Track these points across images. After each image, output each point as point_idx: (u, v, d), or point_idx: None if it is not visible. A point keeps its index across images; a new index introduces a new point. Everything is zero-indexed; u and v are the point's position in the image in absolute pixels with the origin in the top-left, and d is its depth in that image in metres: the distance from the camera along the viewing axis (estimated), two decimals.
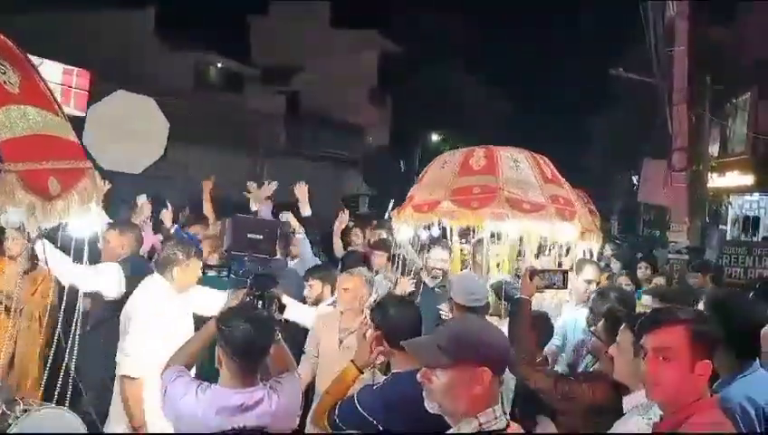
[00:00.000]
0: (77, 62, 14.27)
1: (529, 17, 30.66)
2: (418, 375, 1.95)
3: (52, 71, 13.35)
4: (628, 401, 2.46)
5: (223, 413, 2.52)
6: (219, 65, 21.19)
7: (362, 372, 2.90)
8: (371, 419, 2.70)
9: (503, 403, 3.21)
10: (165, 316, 3.63)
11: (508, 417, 1.95)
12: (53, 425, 2.97)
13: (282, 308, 3.02)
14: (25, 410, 2.89)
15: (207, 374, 2.92)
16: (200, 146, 16.61)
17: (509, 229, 5.33)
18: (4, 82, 2.03)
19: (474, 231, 6.15)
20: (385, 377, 2.91)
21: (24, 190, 1.96)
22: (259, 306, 2.91)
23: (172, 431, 2.72)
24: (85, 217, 2.31)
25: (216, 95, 19.99)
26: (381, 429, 2.68)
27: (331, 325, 4.08)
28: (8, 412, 2.74)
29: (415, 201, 5.13)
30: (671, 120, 10.20)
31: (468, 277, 3.90)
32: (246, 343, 2.54)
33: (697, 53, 10.50)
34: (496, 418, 1.85)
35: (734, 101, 18.23)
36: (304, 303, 4.59)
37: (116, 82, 15.23)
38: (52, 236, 2.94)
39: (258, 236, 3.15)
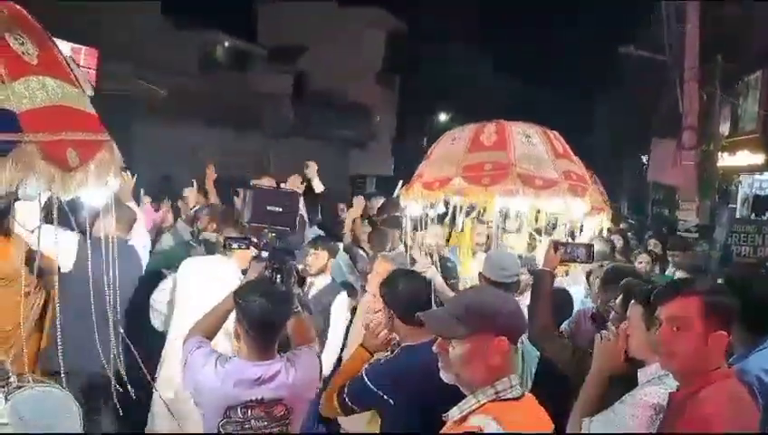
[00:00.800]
0: (84, 43, 14.26)
1: None
2: (434, 346, 1.96)
3: (61, 49, 13.33)
4: (643, 373, 2.47)
5: (241, 385, 2.58)
6: (226, 45, 21.09)
7: (372, 355, 2.96)
8: (380, 392, 2.73)
9: (524, 375, 3.26)
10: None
11: (525, 388, 1.97)
12: (45, 403, 3.02)
13: (301, 281, 3.08)
14: (19, 387, 2.93)
15: None
16: (207, 126, 16.59)
17: (519, 206, 5.31)
18: (23, 53, 2.02)
19: (482, 210, 6.13)
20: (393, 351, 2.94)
21: (44, 160, 1.97)
22: (278, 280, 2.93)
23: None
24: (102, 190, 2.33)
25: (223, 75, 19.90)
26: (391, 402, 2.70)
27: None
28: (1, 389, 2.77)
29: (424, 178, 5.05)
30: (682, 98, 10.11)
31: (503, 253, 3.83)
32: (263, 317, 2.59)
33: (709, 31, 10.38)
34: (512, 386, 1.87)
35: (746, 79, 18.06)
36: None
37: (123, 62, 15.23)
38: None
39: (277, 209, 3.14)
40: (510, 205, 5.25)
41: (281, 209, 3.14)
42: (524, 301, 4.06)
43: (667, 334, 2.04)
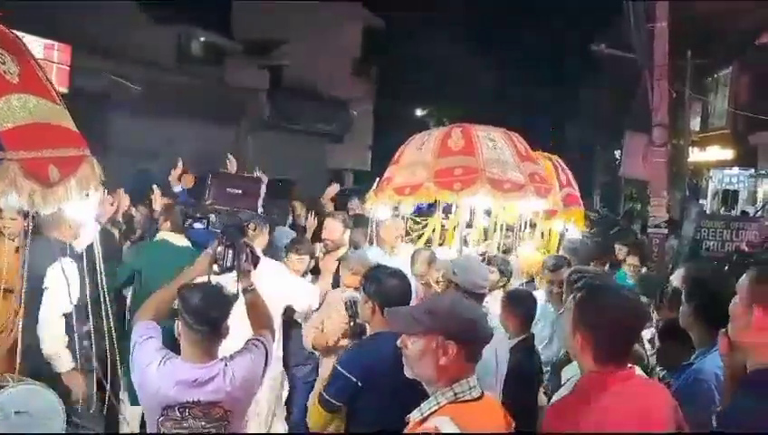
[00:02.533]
0: (59, 36, 14.10)
1: None
2: (398, 341, 2.11)
3: (32, 46, 13.14)
4: None
5: (179, 386, 2.63)
6: (202, 39, 20.95)
7: None
8: (351, 376, 2.87)
9: (497, 378, 3.36)
10: None
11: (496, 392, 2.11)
12: (30, 401, 3.09)
13: (255, 260, 3.09)
14: (1, 387, 2.99)
15: None
16: (184, 120, 16.52)
17: (484, 205, 5.47)
18: (4, 72, 2.08)
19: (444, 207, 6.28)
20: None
21: (25, 178, 2.04)
22: (230, 257, 2.96)
23: None
24: (84, 203, 2.40)
25: (199, 69, 19.80)
26: (359, 385, 2.85)
27: (339, 305, 4.09)
28: None
29: (395, 183, 5.18)
30: (651, 95, 10.29)
31: (476, 263, 3.88)
32: (204, 312, 2.63)
33: (679, 28, 10.58)
34: (470, 388, 2.01)
35: (716, 76, 18.39)
36: None
37: (99, 56, 15.09)
38: None
39: (238, 191, 3.25)
40: (475, 204, 5.41)
41: (241, 192, 3.24)
42: (494, 301, 4.21)
43: None
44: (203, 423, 2.65)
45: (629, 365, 2.18)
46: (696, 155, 18.18)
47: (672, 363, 3.05)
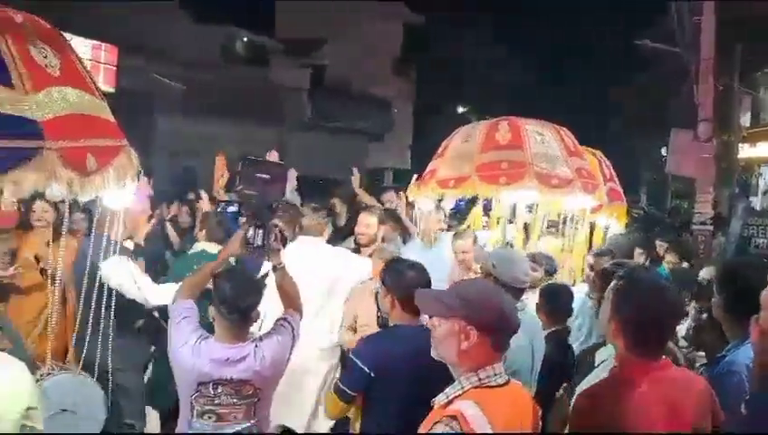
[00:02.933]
0: (105, 38, 14.52)
1: None
2: (427, 322, 2.13)
3: (81, 47, 13.63)
4: None
5: (213, 363, 2.81)
6: (245, 39, 21.27)
7: None
8: (364, 367, 2.87)
9: (532, 368, 3.35)
10: None
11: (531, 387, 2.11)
12: (73, 389, 3.20)
13: (284, 239, 3.26)
14: (48, 374, 3.10)
15: None
16: (226, 119, 16.78)
17: (527, 200, 5.39)
18: (46, 66, 2.17)
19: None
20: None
21: (64, 167, 2.11)
22: (260, 236, 3.13)
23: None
24: (121, 192, 2.48)
25: (242, 69, 20.09)
26: (373, 376, 2.85)
27: (368, 300, 4.15)
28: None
29: (439, 175, 5.11)
30: (697, 90, 10.06)
31: (514, 258, 3.86)
32: (233, 303, 2.81)
33: (727, 21, 10.31)
34: (496, 374, 2.03)
35: (766, 70, 17.84)
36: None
37: (144, 57, 15.46)
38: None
39: (266, 176, 3.36)
40: (517, 199, 5.31)
41: (269, 177, 3.36)
42: (534, 297, 4.17)
43: None
44: (234, 400, 2.82)
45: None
46: (746, 151, 17.66)
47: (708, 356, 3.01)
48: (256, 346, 2.87)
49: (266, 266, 3.43)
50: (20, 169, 1.97)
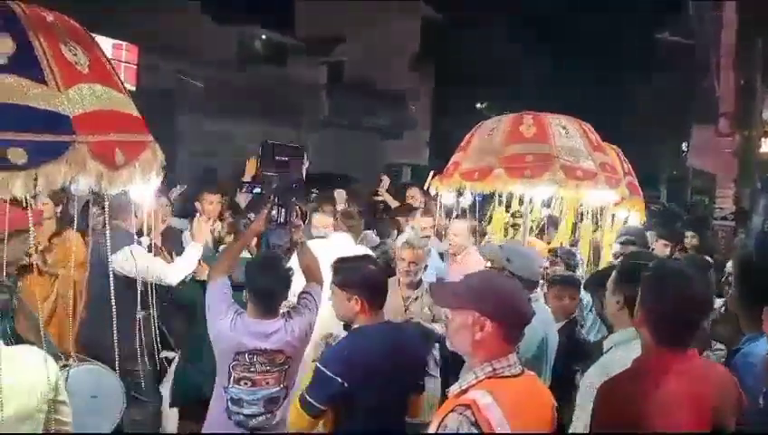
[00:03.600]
0: (126, 37, 14.69)
1: None
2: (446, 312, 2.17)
3: (103, 46, 13.74)
4: None
5: (249, 336, 3.16)
6: (263, 37, 21.41)
7: None
8: (335, 376, 2.72)
9: (546, 359, 3.39)
10: None
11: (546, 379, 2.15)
12: (94, 380, 3.28)
13: (304, 216, 3.59)
14: (65, 366, 3.17)
15: None
16: (245, 118, 16.94)
17: (546, 194, 5.40)
18: (76, 63, 2.23)
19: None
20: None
21: (94, 160, 2.18)
22: (283, 214, 3.46)
23: None
24: (146, 186, 2.55)
25: (260, 67, 20.23)
26: (346, 385, 2.72)
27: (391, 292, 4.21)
28: None
29: (463, 168, 5.05)
30: (718, 85, 9.98)
31: (528, 252, 3.85)
32: (264, 290, 3.20)
33: (748, 16, 10.17)
34: (510, 365, 2.06)
35: None
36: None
37: (162, 56, 15.63)
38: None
39: (284, 158, 3.66)
40: (534, 194, 5.30)
41: (287, 158, 3.66)
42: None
43: None
44: (268, 368, 3.19)
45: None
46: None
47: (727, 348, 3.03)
48: (286, 321, 3.22)
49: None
50: (53, 163, 2.03)
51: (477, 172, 4.89)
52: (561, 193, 5.58)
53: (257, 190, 3.90)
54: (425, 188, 6.62)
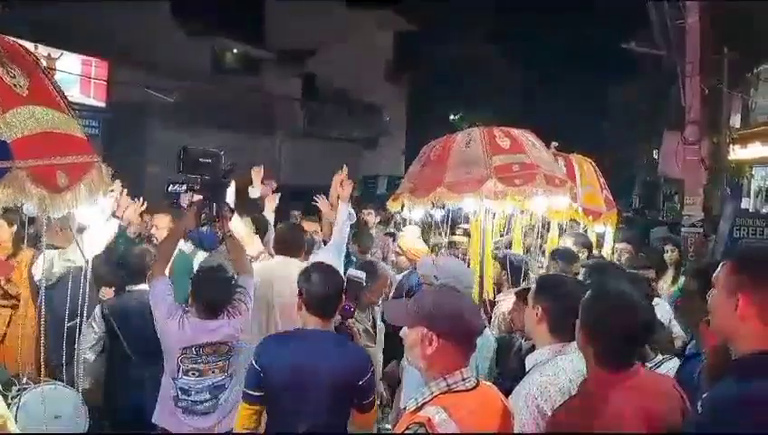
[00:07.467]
0: (94, 51, 14.54)
1: None
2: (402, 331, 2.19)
3: (71, 62, 13.66)
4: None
5: (195, 332, 3.45)
6: (235, 50, 21.34)
7: None
8: (255, 364, 2.96)
9: (491, 366, 3.41)
10: None
11: (478, 378, 2.16)
12: (54, 400, 3.24)
13: (231, 211, 3.86)
14: (23, 389, 3.12)
15: None
16: (220, 131, 16.83)
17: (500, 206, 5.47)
18: (14, 86, 2.20)
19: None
20: None
21: (34, 185, 2.15)
22: (213, 207, 3.68)
23: None
24: (93, 207, 2.52)
25: (234, 79, 20.16)
26: (262, 375, 2.93)
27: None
28: (5, 393, 2.97)
29: (449, 181, 4.83)
30: (684, 92, 10.12)
31: (459, 268, 3.87)
32: (211, 301, 3.50)
33: (714, 23, 10.36)
34: (464, 379, 2.06)
35: (756, 70, 17.89)
36: None
37: (133, 70, 15.50)
38: None
39: (207, 160, 3.84)
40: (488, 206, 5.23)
41: (210, 161, 3.85)
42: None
43: None
44: (213, 358, 3.49)
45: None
46: (737, 152, 17.70)
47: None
48: (228, 317, 3.52)
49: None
50: None
51: (467, 184, 4.78)
52: (528, 205, 5.59)
53: (181, 189, 3.97)
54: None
